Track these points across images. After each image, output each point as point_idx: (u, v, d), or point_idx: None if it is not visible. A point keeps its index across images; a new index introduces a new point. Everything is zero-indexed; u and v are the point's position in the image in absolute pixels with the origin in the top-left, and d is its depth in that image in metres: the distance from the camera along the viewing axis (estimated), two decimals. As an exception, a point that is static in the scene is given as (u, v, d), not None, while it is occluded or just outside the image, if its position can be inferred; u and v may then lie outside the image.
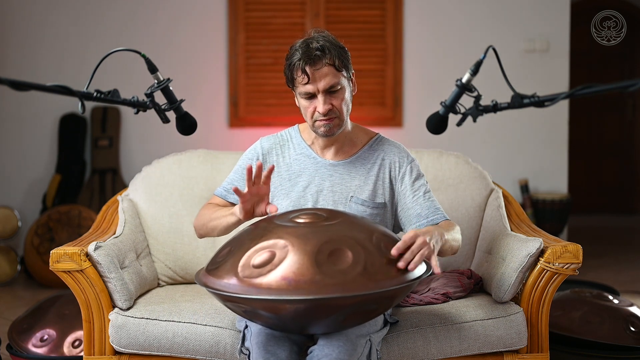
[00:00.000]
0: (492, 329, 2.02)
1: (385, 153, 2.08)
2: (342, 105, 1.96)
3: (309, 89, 1.93)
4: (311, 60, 1.91)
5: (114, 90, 1.69)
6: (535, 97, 1.58)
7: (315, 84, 1.92)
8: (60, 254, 2.02)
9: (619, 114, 7.13)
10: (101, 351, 2.07)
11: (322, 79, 1.92)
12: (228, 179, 2.15)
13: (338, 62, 1.93)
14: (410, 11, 4.78)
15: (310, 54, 1.91)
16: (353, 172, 2.05)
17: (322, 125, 1.97)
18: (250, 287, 1.59)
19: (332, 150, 2.07)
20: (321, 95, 1.93)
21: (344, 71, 1.96)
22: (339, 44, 1.97)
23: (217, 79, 4.80)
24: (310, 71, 1.91)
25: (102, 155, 4.75)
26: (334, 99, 1.95)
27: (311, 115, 1.98)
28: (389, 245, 1.70)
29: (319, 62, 1.91)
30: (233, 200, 2.09)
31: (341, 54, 1.95)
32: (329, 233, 1.67)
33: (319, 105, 1.94)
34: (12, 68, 4.72)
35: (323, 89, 1.93)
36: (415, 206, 2.04)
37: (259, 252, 1.64)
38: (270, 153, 2.11)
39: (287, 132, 2.15)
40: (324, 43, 1.93)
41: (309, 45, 1.92)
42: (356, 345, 1.74)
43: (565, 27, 4.77)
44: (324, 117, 1.95)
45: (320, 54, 1.91)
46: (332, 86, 1.93)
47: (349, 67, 1.98)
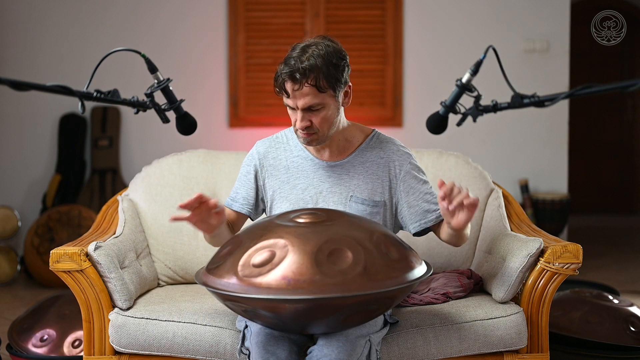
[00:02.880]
0: (492, 329, 2.02)
1: (384, 151, 2.07)
2: (322, 123, 1.94)
3: (289, 102, 1.94)
4: (292, 78, 1.88)
5: (114, 90, 1.69)
6: (535, 97, 1.58)
7: (295, 100, 1.91)
8: (60, 254, 2.02)
9: (619, 114, 7.13)
10: (101, 351, 2.07)
11: (302, 97, 1.90)
12: (233, 188, 2.17)
13: (323, 82, 1.88)
14: (410, 11, 4.78)
15: (293, 73, 1.87)
16: (352, 172, 2.05)
17: (302, 137, 1.98)
18: (250, 287, 1.59)
19: (328, 151, 2.07)
20: (300, 112, 1.93)
21: (330, 90, 1.91)
22: (333, 59, 1.90)
23: (217, 79, 4.80)
24: (291, 89, 1.90)
25: (102, 155, 4.75)
26: (313, 117, 1.93)
27: (294, 124, 1.98)
28: (389, 245, 1.70)
29: (300, 82, 1.88)
30: (237, 208, 2.11)
31: (330, 73, 1.89)
32: (328, 233, 1.67)
33: (297, 121, 1.94)
34: (12, 68, 4.72)
35: (302, 107, 1.91)
36: (422, 203, 2.02)
37: (259, 251, 1.65)
38: (267, 157, 2.10)
39: (283, 134, 2.15)
40: (313, 61, 1.87)
41: (296, 61, 1.88)
42: (355, 346, 1.74)
43: (565, 27, 4.77)
44: (303, 131, 1.96)
45: (300, 76, 1.87)
46: (311, 106, 1.91)
47: (337, 85, 1.92)
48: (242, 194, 2.12)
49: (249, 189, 2.11)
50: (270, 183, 2.09)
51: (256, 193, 2.11)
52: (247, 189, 2.11)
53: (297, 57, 1.89)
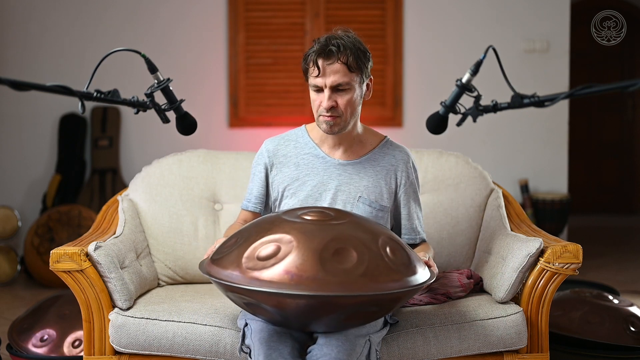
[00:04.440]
0: (492, 329, 2.02)
1: (395, 159, 2.10)
2: (347, 106, 1.97)
3: (318, 82, 1.95)
4: (325, 54, 1.93)
5: (114, 90, 1.69)
6: (535, 97, 1.58)
7: (324, 78, 1.94)
8: (60, 254, 2.02)
9: (619, 114, 7.13)
10: (101, 351, 2.07)
11: (332, 74, 1.93)
12: (248, 189, 2.19)
13: (352, 62, 1.94)
14: (410, 11, 4.78)
15: (325, 48, 1.93)
16: (362, 173, 2.07)
17: (324, 122, 1.98)
18: (252, 279, 1.60)
19: (341, 149, 2.08)
20: (327, 90, 1.95)
21: (358, 73, 1.96)
22: (361, 47, 1.98)
23: (217, 79, 4.80)
24: (322, 64, 1.93)
25: (102, 155, 4.75)
26: (339, 97, 1.96)
27: (317, 109, 1.99)
28: (395, 249, 1.71)
29: (332, 57, 1.92)
30: (252, 208, 2.14)
31: (359, 56, 1.95)
32: (335, 232, 1.67)
33: (323, 100, 1.95)
34: (12, 68, 4.72)
35: (330, 85, 1.94)
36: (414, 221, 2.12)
37: (264, 245, 1.65)
38: (277, 154, 2.12)
39: (293, 133, 2.16)
40: (344, 42, 1.94)
41: (328, 40, 1.94)
42: (355, 345, 1.74)
43: (565, 27, 4.77)
44: (326, 112, 1.96)
45: (335, 50, 1.92)
46: (339, 84, 1.94)
47: (364, 70, 1.98)
48: (255, 194, 2.15)
49: (260, 187, 2.14)
50: (280, 179, 2.10)
51: (267, 190, 2.14)
52: (259, 188, 2.14)
53: (328, 38, 1.95)
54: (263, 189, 2.14)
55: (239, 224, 2.14)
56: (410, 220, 2.11)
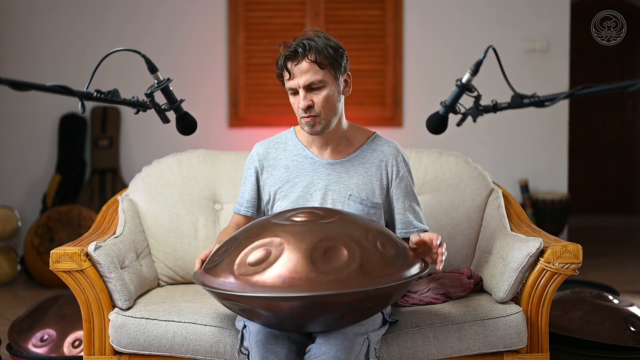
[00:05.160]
0: (492, 329, 2.02)
1: (384, 154, 2.09)
2: (324, 104, 1.96)
3: (291, 84, 1.96)
4: (292, 55, 1.93)
5: (114, 90, 1.69)
6: (535, 97, 1.58)
7: (296, 79, 1.94)
8: (60, 254, 2.02)
9: (619, 114, 7.13)
10: (101, 351, 2.07)
11: (302, 75, 1.94)
12: (240, 192, 2.19)
13: (321, 59, 1.93)
14: (410, 11, 4.78)
15: (292, 50, 1.93)
16: (351, 171, 2.06)
17: (305, 124, 1.99)
18: (246, 285, 1.60)
19: (329, 149, 2.08)
20: (301, 91, 1.95)
21: (330, 69, 1.95)
22: (332, 43, 1.97)
23: (217, 79, 4.80)
24: (291, 67, 1.94)
25: (102, 155, 4.75)
26: (314, 96, 1.96)
27: (297, 111, 2.00)
28: (386, 243, 1.71)
29: (298, 57, 1.93)
30: (244, 212, 2.15)
31: (329, 52, 1.94)
32: (324, 231, 1.67)
33: (300, 101, 1.96)
34: (12, 68, 4.72)
35: (303, 85, 1.94)
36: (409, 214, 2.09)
37: (254, 250, 1.65)
38: (267, 157, 2.12)
39: (282, 135, 2.17)
40: (311, 41, 1.94)
41: (296, 42, 1.95)
42: (353, 344, 1.74)
43: (565, 27, 4.77)
44: (305, 113, 1.96)
45: (301, 51, 1.92)
46: (312, 82, 1.94)
47: (337, 66, 1.97)
48: (247, 197, 2.16)
49: (251, 191, 2.15)
50: (271, 182, 2.10)
51: (258, 194, 2.14)
52: (250, 192, 2.15)
53: (296, 40, 1.96)
54: (254, 193, 2.14)
55: (231, 227, 2.15)
56: (404, 214, 2.08)
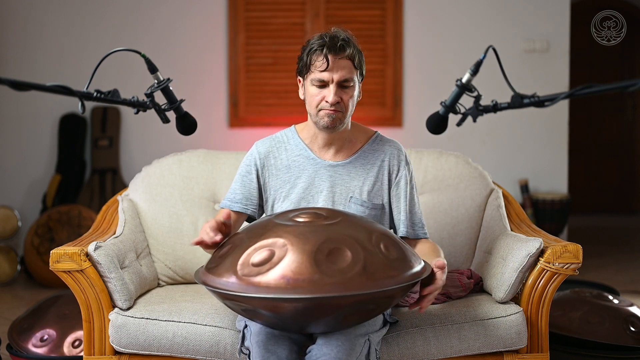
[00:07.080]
0: (492, 329, 2.02)
1: (385, 154, 2.08)
2: (349, 102, 1.97)
3: (324, 76, 1.94)
4: (335, 48, 1.93)
5: (114, 90, 1.69)
6: (535, 97, 1.58)
7: (332, 72, 1.93)
8: (60, 254, 2.02)
9: (619, 114, 7.13)
10: (101, 351, 2.07)
11: (340, 70, 1.93)
12: (230, 189, 2.13)
13: (356, 59, 1.96)
14: (410, 11, 4.78)
15: (336, 43, 1.93)
16: (353, 173, 2.05)
17: (326, 115, 1.96)
18: (249, 286, 1.59)
19: (332, 150, 2.07)
20: (334, 86, 1.94)
21: (358, 72, 1.98)
22: (358, 46, 2.00)
23: (217, 79, 4.80)
24: (332, 58, 1.92)
25: (102, 155, 4.75)
26: (344, 93, 1.96)
27: (317, 104, 1.97)
28: (389, 245, 1.70)
29: (342, 52, 1.93)
30: (238, 209, 2.08)
31: (360, 55, 1.98)
32: (328, 232, 1.67)
33: (329, 95, 1.94)
34: (12, 68, 4.72)
35: (337, 80, 1.94)
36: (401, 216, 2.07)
37: (258, 250, 1.64)
38: (268, 157, 2.09)
39: (283, 134, 2.14)
40: (348, 39, 1.96)
41: (335, 36, 1.95)
42: (355, 345, 1.74)
43: (565, 27, 4.77)
44: (331, 107, 1.95)
45: (345, 45, 1.93)
46: (346, 80, 1.94)
47: (362, 70, 2.01)
48: (244, 194, 2.09)
49: (251, 188, 2.09)
50: (272, 183, 2.08)
51: (259, 192, 2.11)
52: (248, 189, 2.09)
53: (331, 35, 1.96)
54: (254, 191, 2.09)
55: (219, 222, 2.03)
56: (406, 214, 2.07)
